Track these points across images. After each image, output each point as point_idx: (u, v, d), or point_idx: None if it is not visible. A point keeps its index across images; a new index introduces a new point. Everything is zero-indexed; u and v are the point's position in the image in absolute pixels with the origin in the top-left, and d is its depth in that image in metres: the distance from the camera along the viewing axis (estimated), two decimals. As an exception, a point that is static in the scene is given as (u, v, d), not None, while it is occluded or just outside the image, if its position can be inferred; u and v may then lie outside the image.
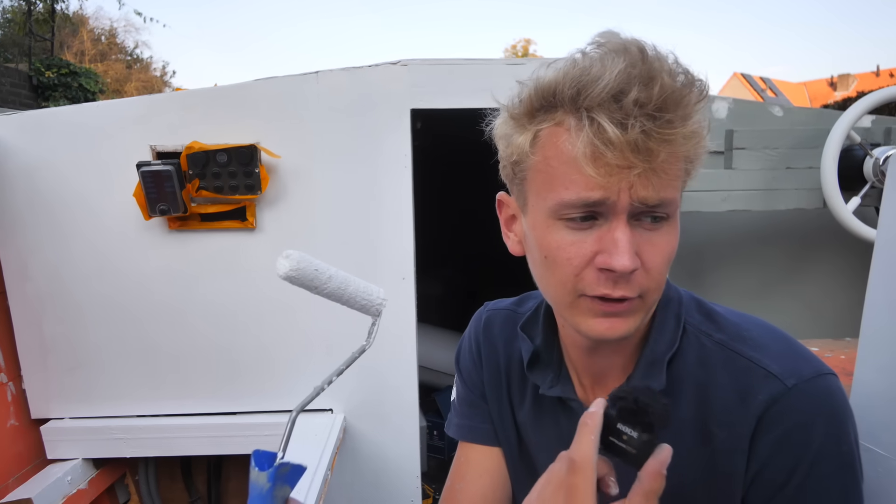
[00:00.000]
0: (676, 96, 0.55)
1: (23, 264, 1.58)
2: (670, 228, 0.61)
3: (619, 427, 0.55)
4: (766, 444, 0.62)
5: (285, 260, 0.58)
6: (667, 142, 0.55)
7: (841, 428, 0.62)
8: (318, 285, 0.60)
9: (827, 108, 2.55)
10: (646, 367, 0.68)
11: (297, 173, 1.58)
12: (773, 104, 2.08)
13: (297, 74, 1.58)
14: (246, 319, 1.63)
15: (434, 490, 2.27)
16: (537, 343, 0.77)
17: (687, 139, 0.56)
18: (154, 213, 1.52)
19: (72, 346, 1.61)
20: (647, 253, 0.59)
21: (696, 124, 0.56)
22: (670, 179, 0.57)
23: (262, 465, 0.58)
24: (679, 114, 0.55)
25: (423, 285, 1.84)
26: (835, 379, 0.64)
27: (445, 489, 0.89)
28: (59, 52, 13.29)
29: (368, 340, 0.68)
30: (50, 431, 1.62)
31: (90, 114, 1.57)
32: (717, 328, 0.69)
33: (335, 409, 1.67)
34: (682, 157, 0.57)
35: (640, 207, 0.57)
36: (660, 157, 0.55)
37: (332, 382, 0.65)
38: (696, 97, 0.56)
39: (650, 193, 0.56)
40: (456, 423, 0.90)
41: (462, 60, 1.58)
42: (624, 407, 0.55)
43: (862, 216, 1.93)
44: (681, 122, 0.55)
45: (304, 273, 0.58)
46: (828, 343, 1.69)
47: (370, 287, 0.67)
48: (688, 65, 0.58)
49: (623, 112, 0.54)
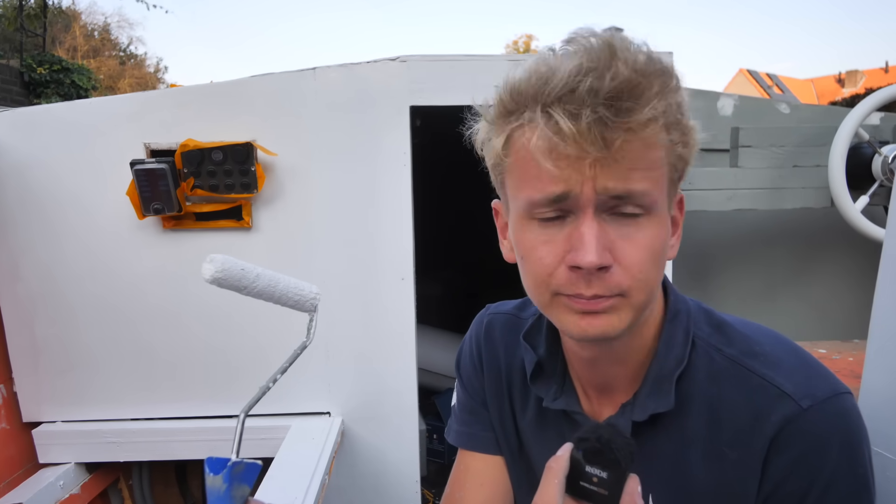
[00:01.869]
0: (631, 83, 0.53)
1: (14, 264, 1.55)
2: (651, 223, 0.58)
3: (588, 470, 0.55)
4: (780, 466, 0.61)
5: (209, 264, 0.59)
6: (624, 129, 0.53)
7: (856, 450, 0.60)
8: (247, 285, 0.62)
9: (834, 105, 2.53)
10: (653, 383, 0.67)
11: (294, 172, 1.56)
12: (780, 101, 2.06)
13: (295, 71, 1.56)
14: (241, 321, 1.60)
15: (434, 495, 2.24)
16: (540, 353, 0.75)
17: (644, 126, 0.54)
18: (148, 212, 1.50)
19: (64, 347, 1.59)
20: (622, 249, 0.57)
21: (654, 110, 0.54)
22: (639, 170, 0.55)
23: (215, 469, 0.59)
24: (637, 102, 0.53)
25: (422, 286, 1.82)
26: (850, 398, 0.62)
27: (445, 497, 0.87)
28: (51, 47, 13.28)
29: (309, 337, 0.68)
30: (42, 435, 1.60)
31: (83, 111, 1.55)
32: (728, 342, 0.67)
33: (333, 413, 1.65)
34: (651, 146, 0.55)
35: (607, 199, 0.56)
36: (616, 145, 0.53)
37: (277, 381, 0.67)
38: (658, 84, 0.55)
39: (614, 184, 0.55)
40: (456, 430, 0.88)
41: (462, 56, 1.56)
42: (588, 448, 0.55)
43: (870, 215, 1.91)
44: (639, 110, 0.53)
45: (230, 274, 0.60)
46: (835, 345, 1.67)
47: (301, 284, 0.67)
48: (654, 53, 0.56)
49: (576, 103, 0.53)
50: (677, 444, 0.66)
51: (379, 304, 1.61)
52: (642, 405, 0.66)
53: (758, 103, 2.07)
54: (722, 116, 2.03)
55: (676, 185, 0.62)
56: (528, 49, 30.68)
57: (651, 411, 0.65)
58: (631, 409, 0.67)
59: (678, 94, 0.57)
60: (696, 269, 2.17)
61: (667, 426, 0.66)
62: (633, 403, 0.68)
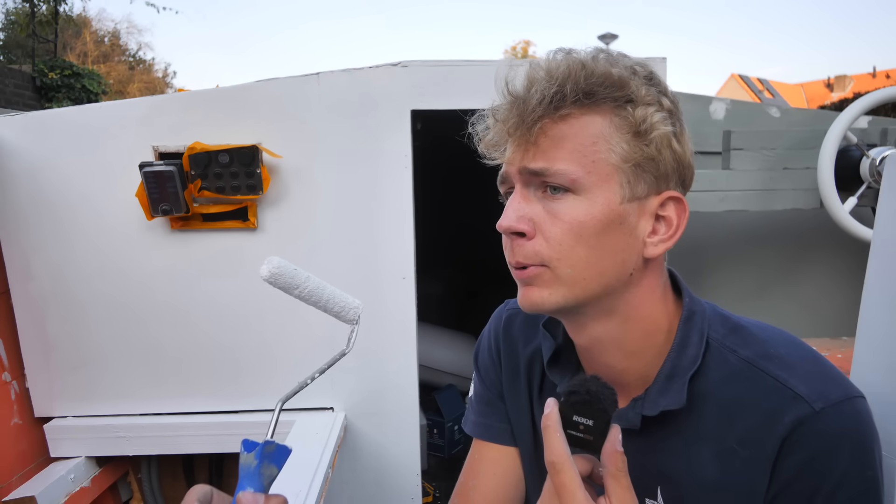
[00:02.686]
0: (550, 75, 0.63)
1: (26, 263, 1.59)
2: (576, 202, 0.63)
3: (575, 419, 0.59)
4: (790, 467, 0.62)
5: (267, 264, 0.65)
6: (537, 112, 0.63)
7: (867, 453, 0.61)
8: (299, 283, 0.67)
9: (824, 109, 2.56)
10: (665, 380, 0.68)
11: (299, 173, 1.59)
12: (771, 105, 2.09)
13: (299, 76, 1.59)
14: (248, 318, 1.63)
15: (434, 488, 2.28)
16: (559, 341, 0.77)
17: (548, 103, 0.63)
18: (156, 213, 1.53)
19: (75, 345, 1.62)
20: (544, 222, 0.64)
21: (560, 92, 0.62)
22: (552, 147, 0.63)
23: (249, 448, 0.63)
24: (549, 86, 0.63)
25: (423, 285, 1.85)
26: (863, 402, 0.63)
27: (459, 485, 0.89)
28: (63, 53, 13.30)
29: (349, 346, 0.75)
30: (53, 430, 1.63)
31: (93, 115, 1.58)
32: (743, 344, 0.68)
33: (336, 408, 1.68)
34: (565, 124, 0.63)
35: (527, 175, 0.65)
36: (528, 122, 0.63)
37: (315, 379, 0.72)
38: (579, 72, 0.63)
39: (532, 162, 0.64)
40: (472, 421, 0.90)
41: (461, 62, 1.59)
42: (578, 400, 0.59)
43: (858, 216, 1.94)
44: (548, 93, 0.63)
45: (285, 271, 0.65)
46: (825, 342, 1.71)
47: (347, 297, 0.74)
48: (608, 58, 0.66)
49: (510, 96, 0.66)
50: (689, 441, 0.67)
51: (381, 303, 1.64)
52: (653, 401, 0.68)
53: (749, 107, 2.10)
54: (714, 120, 2.07)
55: (645, 179, 0.65)
56: (526, 54, 30.61)
57: (662, 408, 0.67)
58: (642, 404, 0.69)
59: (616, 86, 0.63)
60: (689, 269, 2.20)
61: (679, 423, 0.68)
62: (644, 398, 0.69)
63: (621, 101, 0.63)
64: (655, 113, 0.64)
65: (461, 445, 2.64)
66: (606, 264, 0.65)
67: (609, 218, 0.63)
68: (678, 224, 0.67)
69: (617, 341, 0.69)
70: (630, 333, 0.69)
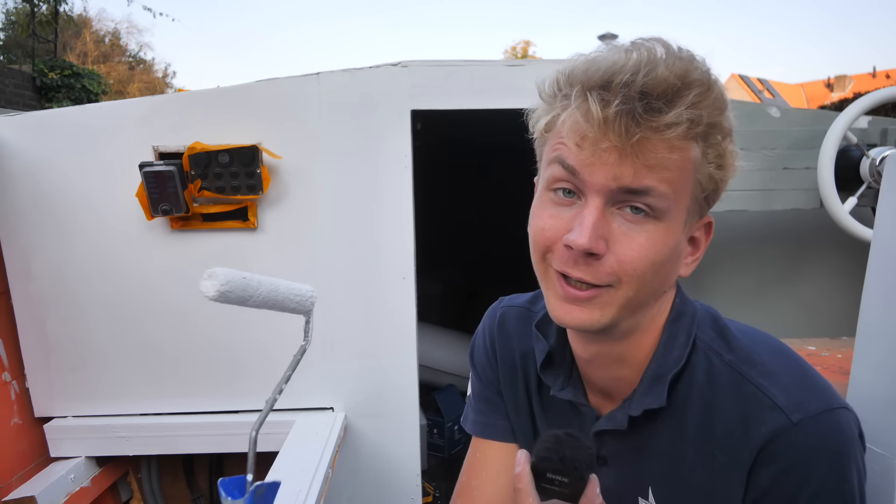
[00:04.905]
0: (664, 84, 0.56)
1: (26, 264, 1.59)
2: (658, 228, 0.59)
3: (550, 476, 0.59)
4: (765, 477, 0.62)
5: (209, 280, 0.53)
6: (649, 127, 0.55)
7: (845, 465, 0.61)
8: (252, 294, 0.57)
9: (824, 109, 2.56)
10: (650, 381, 0.68)
11: (299, 174, 1.59)
12: (771, 105, 2.09)
13: (299, 76, 1.59)
14: (248, 318, 1.63)
15: (434, 488, 2.28)
16: (551, 343, 0.77)
17: (669, 128, 0.56)
18: (156, 213, 1.53)
19: (75, 345, 1.63)
20: (620, 243, 0.59)
21: (681, 116, 0.56)
22: (656, 170, 0.57)
23: (233, 493, 0.57)
24: (668, 104, 0.56)
25: (423, 285, 1.85)
26: (844, 413, 0.62)
27: (460, 485, 0.89)
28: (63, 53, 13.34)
29: (307, 339, 0.66)
30: (53, 430, 1.64)
31: (93, 114, 1.58)
32: (729, 348, 0.68)
33: (336, 408, 1.68)
34: (673, 150, 0.57)
35: (617, 191, 0.58)
36: (635, 137, 0.55)
37: (283, 391, 0.64)
38: (694, 94, 0.56)
39: (626, 174, 0.57)
40: (472, 420, 0.90)
41: (461, 62, 1.59)
42: (551, 467, 0.59)
43: (858, 216, 1.94)
44: (667, 111, 0.56)
45: (234, 286, 0.54)
46: (824, 342, 1.70)
47: (297, 285, 0.65)
48: (704, 63, 0.59)
49: (611, 93, 0.56)
50: (675, 440, 0.68)
51: (381, 303, 1.64)
52: (638, 401, 0.68)
53: (749, 107, 2.10)
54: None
55: (703, 206, 0.63)
56: (526, 55, 30.60)
57: (644, 407, 0.67)
58: (629, 405, 0.70)
59: (717, 111, 0.58)
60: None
61: (666, 422, 0.68)
62: (631, 399, 0.70)
63: (723, 133, 0.60)
64: (732, 143, 0.61)
65: (461, 445, 2.64)
66: (659, 287, 0.64)
67: (675, 246, 0.62)
68: (705, 244, 0.68)
69: (620, 355, 0.70)
70: (634, 347, 0.69)
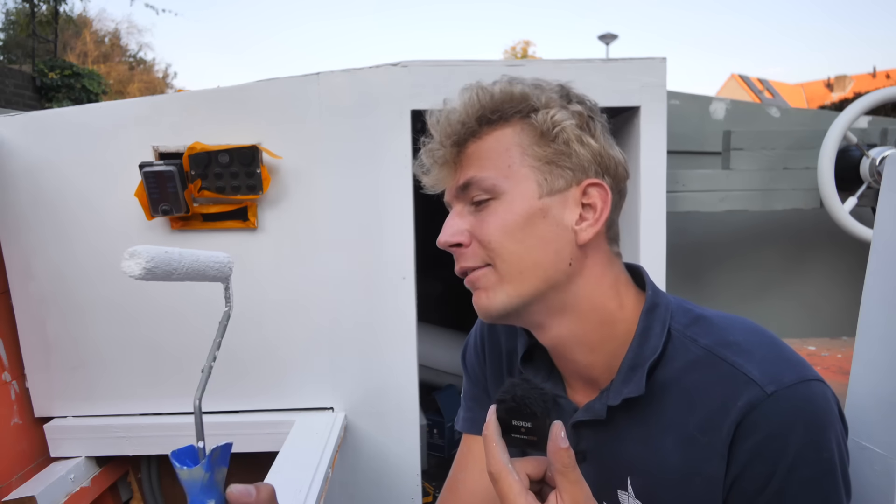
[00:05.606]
0: (473, 107, 0.72)
1: (26, 263, 1.59)
2: (501, 203, 0.70)
3: (515, 423, 0.61)
4: (744, 451, 0.63)
5: (131, 260, 0.52)
6: (464, 141, 0.73)
7: (821, 434, 0.62)
8: (176, 266, 0.56)
9: (824, 109, 2.57)
10: (628, 371, 0.70)
11: (298, 174, 1.59)
12: (771, 105, 2.10)
13: (299, 76, 1.59)
14: (248, 318, 1.63)
15: (434, 488, 2.29)
16: (533, 339, 0.80)
17: (480, 139, 0.72)
18: (156, 213, 1.53)
19: (75, 345, 1.62)
20: (478, 230, 0.71)
21: (469, 116, 0.72)
22: (482, 164, 0.71)
23: (186, 462, 0.57)
24: (480, 117, 0.72)
25: (423, 285, 1.85)
26: (818, 385, 0.64)
27: (448, 479, 0.92)
28: (63, 53, 13.35)
29: (229, 305, 0.69)
30: (53, 430, 1.63)
31: (93, 114, 1.58)
32: (704, 333, 0.70)
33: (336, 408, 1.69)
34: (493, 149, 0.71)
35: (458, 192, 0.74)
36: (459, 152, 0.73)
37: (216, 358, 0.66)
38: (508, 108, 0.72)
39: (459, 180, 0.73)
40: (462, 417, 0.93)
41: (461, 62, 1.59)
42: (508, 408, 0.61)
43: (858, 216, 1.95)
44: (479, 124, 0.72)
45: (159, 261, 0.54)
46: (824, 342, 1.71)
47: (216, 253, 0.67)
48: (513, 87, 0.73)
49: (439, 131, 0.75)
50: (653, 429, 0.69)
51: (381, 303, 1.64)
52: (617, 391, 0.70)
53: (749, 107, 2.10)
54: (714, 120, 2.07)
55: (565, 171, 0.71)
56: (526, 54, 30.60)
57: (623, 396, 0.69)
58: (607, 395, 0.72)
59: (539, 111, 0.71)
60: (690, 269, 2.21)
61: (644, 413, 0.70)
62: (609, 389, 0.72)
63: (526, 111, 0.71)
64: (558, 113, 0.70)
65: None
66: (539, 255, 0.70)
67: (529, 212, 0.69)
68: (603, 207, 0.71)
69: (577, 337, 0.72)
70: (586, 327, 0.72)
